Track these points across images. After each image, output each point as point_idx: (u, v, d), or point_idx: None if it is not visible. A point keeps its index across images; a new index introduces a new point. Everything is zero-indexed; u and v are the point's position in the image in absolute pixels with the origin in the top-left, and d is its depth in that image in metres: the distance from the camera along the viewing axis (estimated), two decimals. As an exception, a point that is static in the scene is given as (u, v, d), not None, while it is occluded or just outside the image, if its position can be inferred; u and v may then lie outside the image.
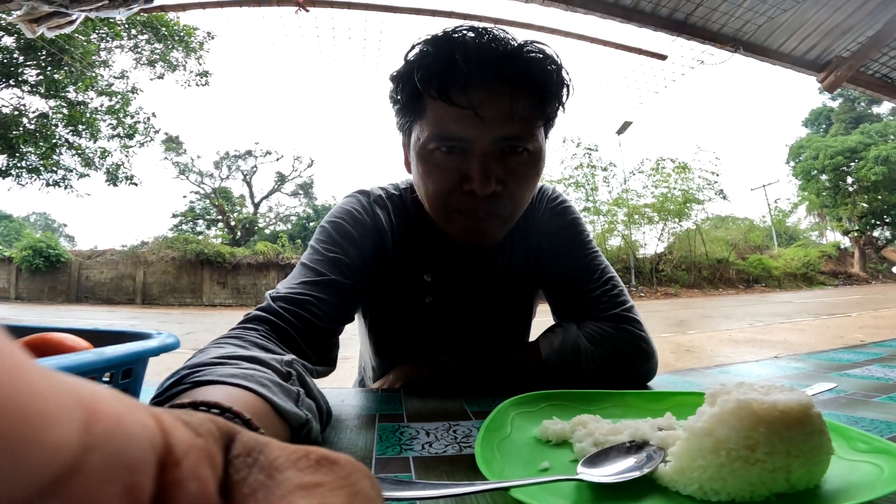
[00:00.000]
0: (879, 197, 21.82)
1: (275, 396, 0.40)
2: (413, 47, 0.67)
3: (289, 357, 0.50)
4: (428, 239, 0.82)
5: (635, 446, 0.42)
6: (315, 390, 0.50)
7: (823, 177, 23.39)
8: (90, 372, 0.34)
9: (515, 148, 0.65)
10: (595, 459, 0.40)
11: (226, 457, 0.17)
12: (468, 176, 0.64)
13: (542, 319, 0.94)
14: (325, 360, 0.66)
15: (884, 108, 26.25)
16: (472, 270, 0.84)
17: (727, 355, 5.24)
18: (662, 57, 4.23)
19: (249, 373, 0.41)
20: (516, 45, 0.64)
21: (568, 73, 0.67)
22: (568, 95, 0.69)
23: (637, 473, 0.37)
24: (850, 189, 22.95)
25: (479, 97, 0.62)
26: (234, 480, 0.16)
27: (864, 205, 22.54)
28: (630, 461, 0.40)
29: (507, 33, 0.66)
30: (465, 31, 0.64)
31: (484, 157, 0.64)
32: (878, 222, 23.18)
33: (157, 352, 0.40)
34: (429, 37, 0.66)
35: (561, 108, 0.69)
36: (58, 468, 0.11)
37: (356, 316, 0.89)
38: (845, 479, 0.37)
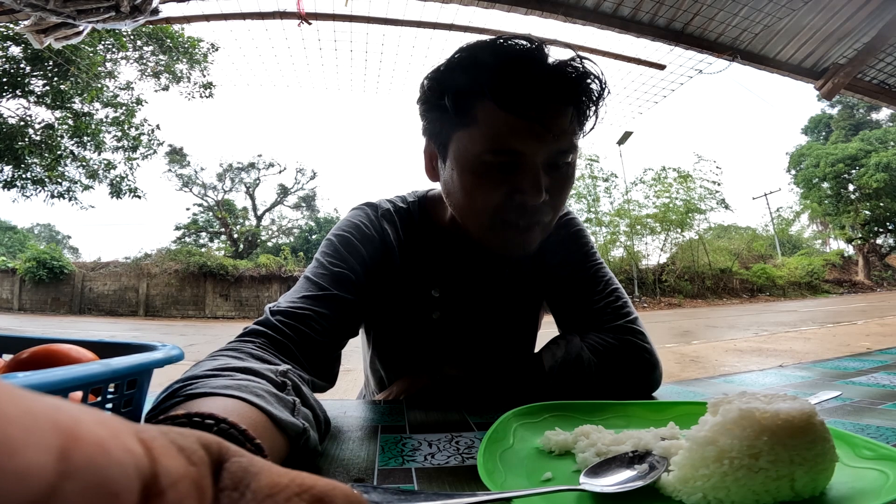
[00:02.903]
0: (882, 204, 21.77)
1: (270, 406, 0.40)
2: (460, 52, 0.66)
3: (284, 367, 0.50)
4: (436, 253, 0.82)
5: (638, 456, 0.42)
6: (311, 399, 0.50)
7: (825, 185, 23.37)
8: (96, 383, 0.34)
9: (559, 161, 0.66)
10: (598, 469, 0.40)
11: (216, 486, 0.16)
12: (519, 188, 0.64)
13: (548, 331, 0.94)
14: (325, 376, 0.65)
15: (882, 114, 26.34)
16: (480, 283, 0.84)
17: (732, 365, 5.20)
18: (661, 66, 4.26)
19: (244, 384, 0.41)
20: (568, 59, 0.64)
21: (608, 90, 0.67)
22: (595, 118, 0.69)
23: (640, 483, 0.37)
24: (852, 196, 22.91)
25: (546, 111, 0.62)
26: None
27: (867, 212, 22.48)
28: (633, 471, 0.39)
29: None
30: (520, 42, 0.63)
31: (537, 170, 0.63)
32: (881, 229, 23.09)
33: (161, 363, 0.40)
34: (478, 43, 0.65)
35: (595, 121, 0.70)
36: (29, 496, 0.10)
37: (360, 331, 0.89)
38: (851, 487, 0.36)
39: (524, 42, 0.63)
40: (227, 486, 0.16)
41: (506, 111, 0.61)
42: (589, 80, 0.64)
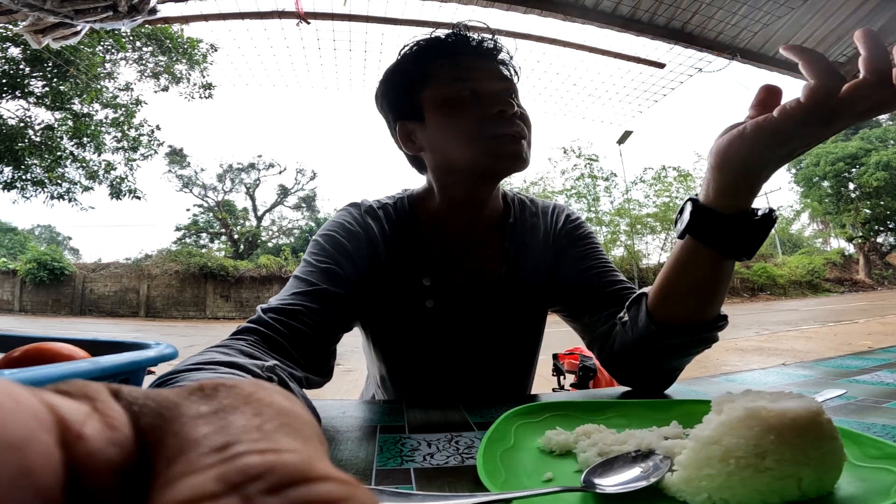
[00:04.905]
0: (882, 203, 21.77)
1: None
2: (405, 47, 0.80)
3: (270, 362, 0.50)
4: (425, 244, 0.82)
5: (641, 455, 0.41)
6: (299, 396, 0.49)
7: (825, 183, 23.36)
8: (85, 382, 0.33)
9: (511, 96, 0.77)
10: (600, 469, 0.39)
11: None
12: (494, 102, 0.74)
13: (550, 330, 0.93)
14: (320, 371, 0.65)
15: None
16: (473, 273, 0.83)
17: (734, 364, 5.20)
18: (661, 65, 4.25)
19: (225, 377, 0.41)
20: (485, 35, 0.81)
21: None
22: (518, 76, 0.83)
23: (643, 483, 0.37)
24: (853, 195, 22.91)
25: (477, 60, 0.77)
26: None
27: (867, 211, 22.48)
28: (636, 471, 0.39)
29: None
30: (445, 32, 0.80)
31: (498, 91, 0.76)
32: (881, 228, 23.09)
33: (154, 362, 0.40)
34: (413, 40, 0.80)
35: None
36: None
37: (360, 331, 0.89)
38: (858, 486, 0.36)
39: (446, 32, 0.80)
40: (125, 406, 0.14)
41: (453, 61, 0.76)
42: (501, 46, 0.80)
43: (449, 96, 0.75)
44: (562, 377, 2.58)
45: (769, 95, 0.52)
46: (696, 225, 0.57)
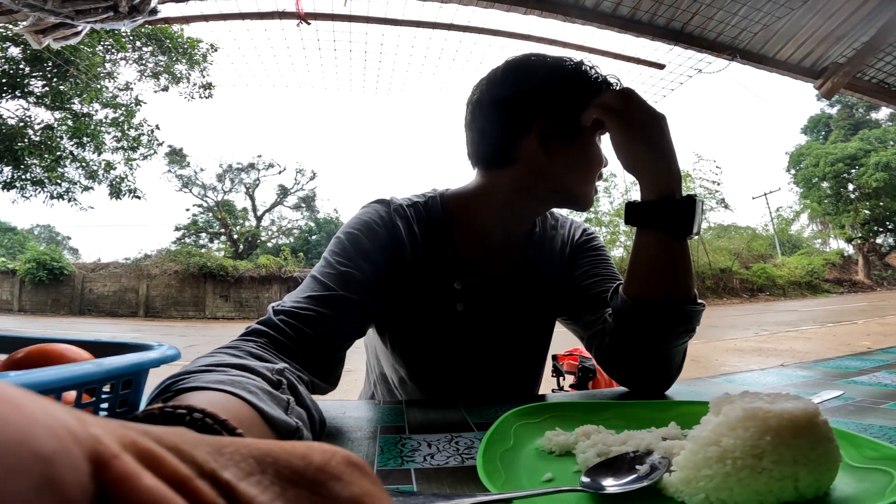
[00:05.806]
0: (881, 203, 21.79)
1: (262, 403, 0.39)
2: (586, 66, 0.77)
3: (280, 365, 0.49)
4: (457, 246, 0.81)
5: (639, 456, 0.41)
6: (307, 399, 0.49)
7: (824, 184, 23.38)
8: (90, 383, 0.34)
9: None
10: (599, 470, 0.40)
11: None
12: (605, 164, 0.82)
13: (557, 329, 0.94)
14: (327, 378, 0.64)
15: (882, 113, 26.33)
16: (501, 279, 0.84)
17: (733, 364, 5.20)
18: (661, 66, 4.25)
19: (236, 379, 0.41)
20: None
21: None
22: None
23: (642, 484, 0.37)
24: (852, 196, 22.94)
25: None
26: None
27: (867, 211, 22.50)
28: (634, 471, 0.39)
29: None
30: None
31: None
32: (880, 229, 23.12)
33: (157, 363, 0.40)
34: (581, 60, 0.79)
35: None
36: None
37: (372, 333, 0.88)
38: (855, 487, 0.36)
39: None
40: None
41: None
42: None
43: (596, 145, 0.79)
44: (561, 378, 2.58)
45: None
46: (629, 213, 0.73)
